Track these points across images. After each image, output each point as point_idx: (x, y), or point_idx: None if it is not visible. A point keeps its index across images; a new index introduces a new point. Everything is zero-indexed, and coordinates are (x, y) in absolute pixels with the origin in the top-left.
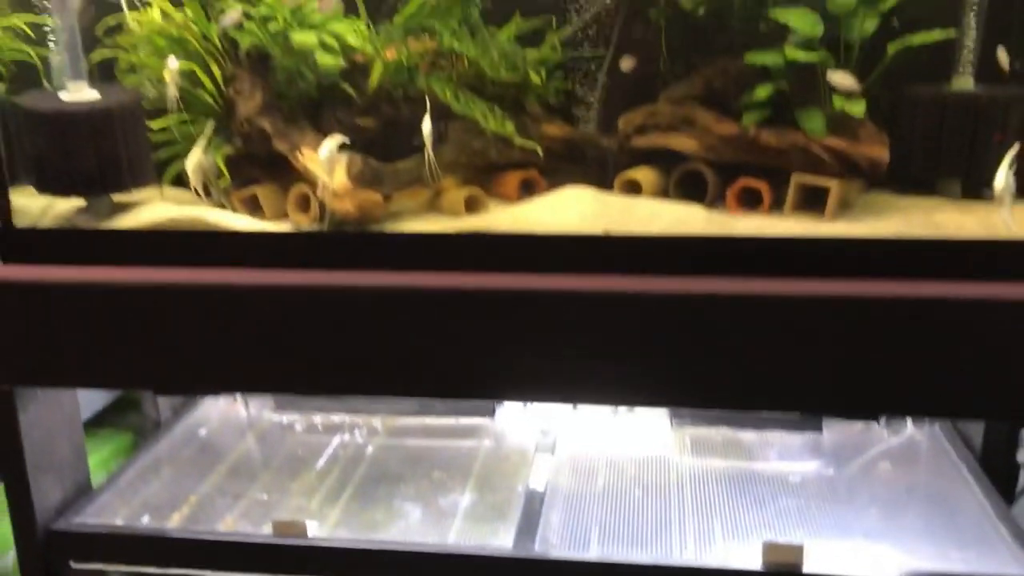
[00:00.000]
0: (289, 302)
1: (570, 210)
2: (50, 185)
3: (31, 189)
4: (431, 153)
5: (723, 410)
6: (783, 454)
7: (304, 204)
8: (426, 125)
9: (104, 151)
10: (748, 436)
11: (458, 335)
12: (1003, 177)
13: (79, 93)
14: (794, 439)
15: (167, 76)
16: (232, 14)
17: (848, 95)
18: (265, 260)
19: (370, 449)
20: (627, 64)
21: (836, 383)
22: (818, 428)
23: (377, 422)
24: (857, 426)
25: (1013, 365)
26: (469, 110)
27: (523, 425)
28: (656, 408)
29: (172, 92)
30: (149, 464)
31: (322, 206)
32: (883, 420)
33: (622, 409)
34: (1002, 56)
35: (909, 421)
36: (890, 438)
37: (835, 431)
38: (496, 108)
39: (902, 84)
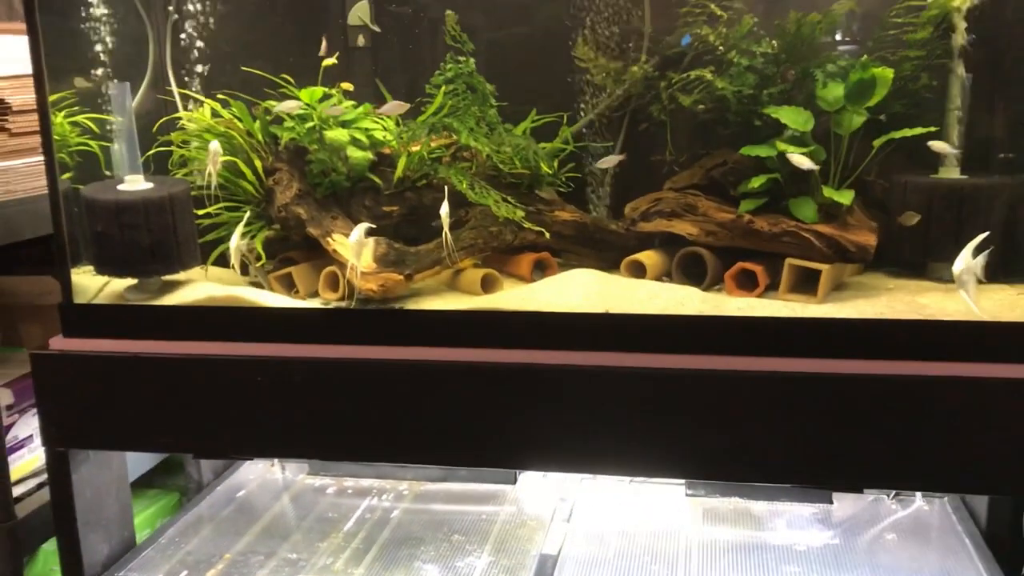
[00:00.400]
0: (319, 374)
1: (575, 290)
2: (107, 266)
3: (90, 269)
4: (448, 234)
5: (731, 481)
6: (792, 524)
7: (334, 283)
8: (444, 208)
9: (156, 236)
10: (760, 506)
11: (477, 407)
12: (961, 261)
13: (135, 184)
14: (804, 510)
15: (208, 159)
16: (290, 103)
17: (809, 174)
18: (297, 335)
19: (396, 513)
20: (608, 163)
21: (830, 457)
22: (828, 500)
23: (404, 487)
24: (867, 498)
25: (997, 442)
26: (483, 199)
27: (543, 492)
28: (670, 479)
29: (212, 172)
30: (190, 523)
31: (350, 285)
32: (892, 493)
33: (639, 478)
34: (938, 146)
35: (918, 495)
36: (898, 511)
37: (845, 503)
38: (510, 196)
39: (894, 173)
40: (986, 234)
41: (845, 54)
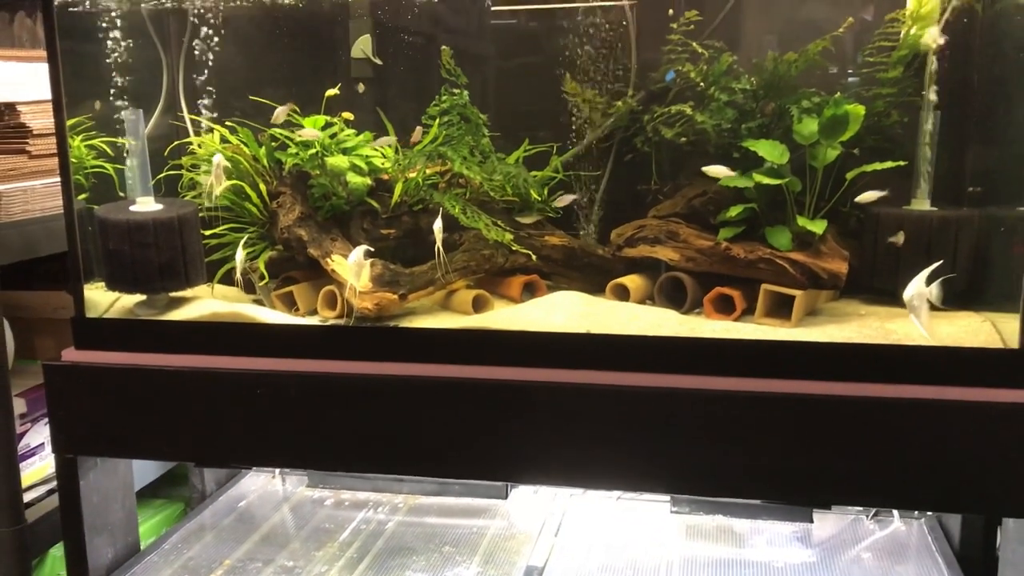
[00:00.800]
0: (316, 388)
1: (559, 311)
2: (118, 282)
3: (102, 285)
4: (441, 248)
5: (714, 498)
6: (773, 542)
7: (332, 301)
8: (437, 224)
9: (164, 255)
10: (741, 524)
11: (465, 420)
12: (912, 287)
13: (146, 205)
14: (785, 528)
15: (212, 171)
16: (309, 131)
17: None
18: (297, 350)
19: (390, 524)
20: (563, 202)
21: (801, 475)
22: (808, 519)
23: (399, 500)
24: (847, 518)
25: (962, 462)
26: (474, 223)
27: (533, 507)
28: (657, 495)
29: (213, 184)
30: (193, 530)
31: (348, 304)
32: (871, 513)
33: (627, 495)
34: (864, 197)
35: (896, 515)
36: (876, 531)
37: (825, 522)
38: (502, 221)
39: (867, 204)
40: (939, 263)
41: (821, 90)
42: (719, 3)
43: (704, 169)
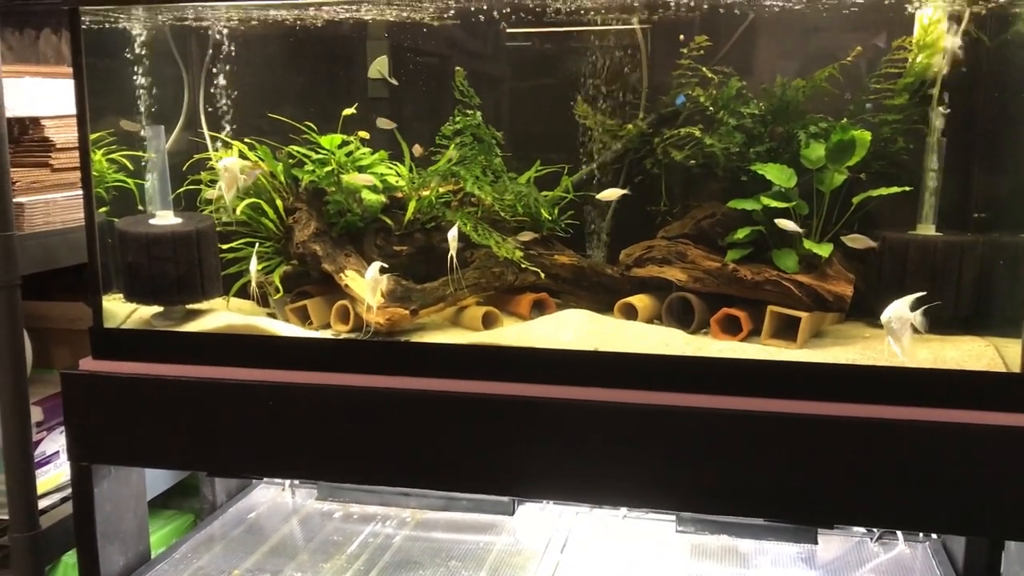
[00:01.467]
0: (327, 400)
1: (568, 329)
2: (136, 294)
3: (120, 296)
4: (454, 257)
5: (719, 516)
6: (777, 563)
7: (345, 316)
8: (452, 232)
9: (182, 268)
10: (746, 544)
11: (473, 434)
12: (891, 311)
13: (165, 219)
14: (789, 549)
15: (221, 177)
16: (363, 176)
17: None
18: (309, 363)
19: (398, 538)
20: (525, 237)
21: (802, 494)
22: (813, 540)
23: (407, 515)
24: (851, 540)
25: (964, 484)
26: (485, 240)
27: (539, 524)
28: (663, 513)
29: (225, 191)
30: (202, 540)
31: (363, 319)
32: (875, 536)
33: (633, 513)
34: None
35: (900, 537)
36: (881, 554)
37: (830, 544)
38: (510, 238)
39: (874, 228)
40: (923, 293)
41: (829, 116)
42: (729, 29)
43: (598, 196)
